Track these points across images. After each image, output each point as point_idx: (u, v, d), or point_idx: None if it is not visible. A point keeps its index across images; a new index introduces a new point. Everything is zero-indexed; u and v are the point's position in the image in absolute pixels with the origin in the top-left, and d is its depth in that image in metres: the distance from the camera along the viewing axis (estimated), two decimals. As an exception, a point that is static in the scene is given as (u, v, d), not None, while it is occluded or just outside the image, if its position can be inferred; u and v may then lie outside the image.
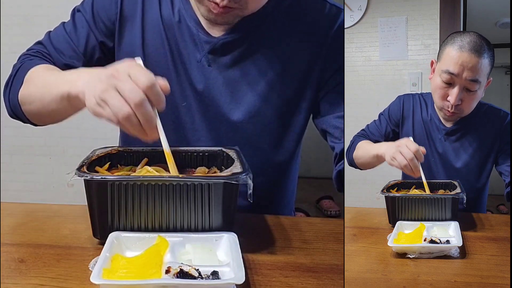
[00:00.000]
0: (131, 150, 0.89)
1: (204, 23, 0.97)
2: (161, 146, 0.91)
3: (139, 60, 0.76)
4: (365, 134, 1.46)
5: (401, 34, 2.56)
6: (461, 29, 2.55)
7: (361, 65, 2.65)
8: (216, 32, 0.97)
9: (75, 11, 1.03)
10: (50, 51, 1.00)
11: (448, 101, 1.24)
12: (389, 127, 1.46)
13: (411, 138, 1.16)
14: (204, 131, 1.00)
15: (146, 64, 0.98)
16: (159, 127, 0.74)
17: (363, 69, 2.65)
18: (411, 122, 1.41)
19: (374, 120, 1.49)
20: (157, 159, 0.89)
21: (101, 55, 1.02)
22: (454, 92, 1.22)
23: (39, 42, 1.03)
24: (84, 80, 0.74)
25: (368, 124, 1.50)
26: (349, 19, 2.64)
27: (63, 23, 1.03)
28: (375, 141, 1.43)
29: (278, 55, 0.98)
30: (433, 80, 1.29)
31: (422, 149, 1.11)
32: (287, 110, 1.01)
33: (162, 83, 0.72)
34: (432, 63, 1.32)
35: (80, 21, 1.01)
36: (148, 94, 0.69)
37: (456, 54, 1.20)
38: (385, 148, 1.19)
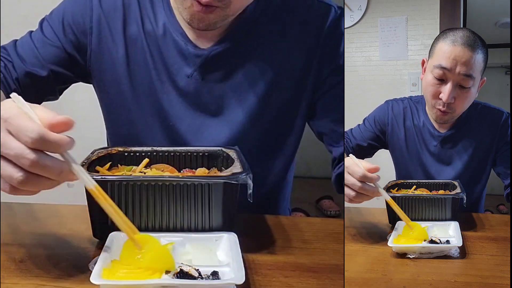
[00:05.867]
0: (131, 150, 0.89)
1: (191, 35, 0.94)
2: (162, 146, 0.92)
3: (15, 97, 0.60)
4: (346, 137, 1.39)
5: (401, 34, 2.56)
6: (461, 29, 2.55)
7: (361, 65, 2.65)
8: (204, 44, 0.94)
9: (43, 20, 1.00)
10: (12, 58, 0.95)
11: (440, 99, 1.19)
12: (373, 133, 1.39)
13: (352, 157, 0.94)
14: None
15: (131, 82, 0.97)
16: (75, 169, 0.60)
17: (363, 69, 2.65)
18: (402, 129, 1.36)
19: (359, 124, 1.43)
20: (157, 159, 0.89)
21: (65, 70, 0.97)
22: (447, 89, 1.16)
23: (3, 47, 0.98)
24: None
25: (351, 128, 1.43)
26: (349, 19, 2.64)
27: (30, 31, 0.99)
28: (356, 145, 1.38)
29: (272, 61, 0.95)
30: (425, 78, 1.23)
31: (372, 167, 0.92)
32: (286, 114, 0.99)
33: (62, 120, 0.58)
34: (423, 62, 1.27)
35: (48, 30, 0.97)
36: (41, 147, 0.56)
37: (448, 48, 1.15)
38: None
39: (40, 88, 0.96)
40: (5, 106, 0.58)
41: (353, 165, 0.92)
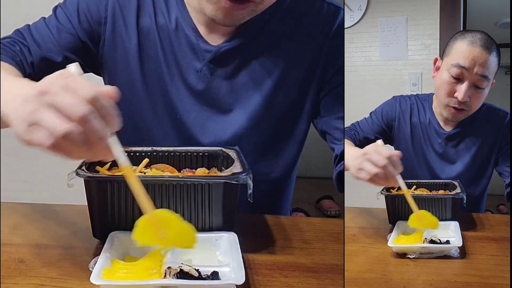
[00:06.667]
0: (131, 150, 0.89)
1: (202, 31, 0.96)
2: (162, 146, 0.92)
3: (75, 67, 0.61)
4: (353, 129, 1.40)
5: (401, 34, 2.56)
6: (461, 29, 2.55)
7: (361, 65, 2.64)
8: (215, 40, 0.96)
9: (57, 7, 1.00)
10: (28, 42, 0.95)
11: (455, 98, 1.21)
12: (380, 126, 1.41)
13: (381, 142, 0.98)
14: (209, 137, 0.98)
15: (142, 73, 0.97)
16: (113, 146, 0.59)
17: (363, 69, 2.64)
18: (408, 125, 1.38)
19: (365, 118, 1.44)
20: (157, 159, 0.89)
21: (78, 58, 0.96)
22: (462, 88, 1.19)
23: (18, 31, 0.97)
24: (10, 100, 0.60)
25: (358, 121, 1.43)
26: (349, 19, 2.63)
27: (43, 18, 0.99)
28: (363, 138, 1.39)
29: (280, 59, 0.97)
30: (439, 76, 1.25)
31: (397, 153, 0.92)
32: (292, 113, 1.00)
33: (109, 90, 0.58)
34: (435, 60, 1.29)
35: (63, 17, 0.97)
36: (94, 107, 0.56)
37: (467, 49, 1.19)
38: (348, 159, 0.97)
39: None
40: (66, 69, 0.60)
41: (381, 146, 0.94)
